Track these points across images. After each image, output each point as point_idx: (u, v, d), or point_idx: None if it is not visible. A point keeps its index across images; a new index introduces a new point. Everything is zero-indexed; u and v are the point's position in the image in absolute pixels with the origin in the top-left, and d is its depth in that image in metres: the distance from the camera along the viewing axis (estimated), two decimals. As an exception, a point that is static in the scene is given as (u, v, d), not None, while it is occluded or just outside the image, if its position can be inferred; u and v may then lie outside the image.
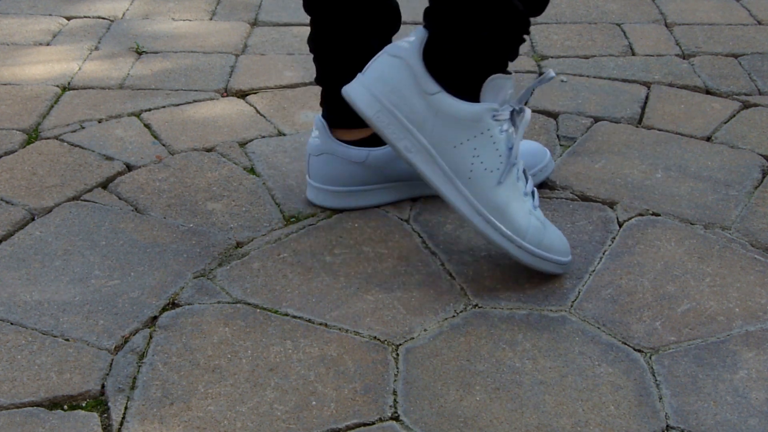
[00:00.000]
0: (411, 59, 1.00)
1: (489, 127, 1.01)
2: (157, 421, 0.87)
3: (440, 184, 1.02)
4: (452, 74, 1.00)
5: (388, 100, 1.01)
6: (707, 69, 1.62)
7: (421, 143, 1.01)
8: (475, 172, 1.01)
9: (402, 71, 1.01)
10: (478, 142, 1.01)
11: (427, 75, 1.00)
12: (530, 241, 1.03)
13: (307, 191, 1.21)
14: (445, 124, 1.00)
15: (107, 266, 1.09)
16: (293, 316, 1.01)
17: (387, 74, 1.01)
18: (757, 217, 1.19)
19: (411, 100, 1.00)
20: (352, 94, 1.02)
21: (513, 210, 1.02)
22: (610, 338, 0.99)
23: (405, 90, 1.00)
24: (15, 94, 1.51)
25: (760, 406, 0.90)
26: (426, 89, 1.00)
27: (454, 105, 1.00)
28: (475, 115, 1.00)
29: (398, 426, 0.87)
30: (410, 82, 1.00)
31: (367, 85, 1.02)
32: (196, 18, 1.87)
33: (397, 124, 1.01)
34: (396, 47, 1.02)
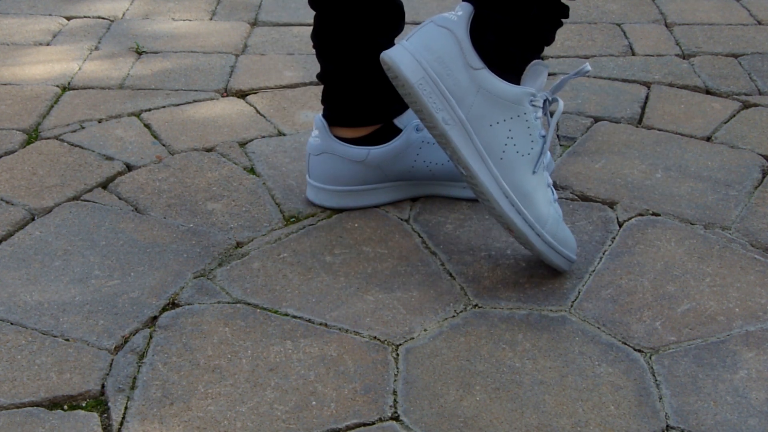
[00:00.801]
0: (459, 32, 1.00)
1: (526, 111, 1.01)
2: (157, 421, 0.87)
3: (473, 161, 1.01)
4: (497, 53, 1.00)
5: (433, 69, 1.00)
6: (707, 69, 1.62)
7: (459, 117, 1.00)
8: (507, 153, 1.01)
9: (449, 42, 1.00)
10: (513, 124, 1.01)
11: (473, 49, 1.00)
12: (549, 231, 1.03)
13: (307, 191, 1.21)
14: (485, 102, 1.00)
15: (107, 266, 1.09)
16: (293, 316, 1.01)
17: (433, 43, 1.00)
18: (757, 217, 1.19)
19: (455, 73, 1.00)
20: (396, 58, 1.00)
21: (539, 197, 1.03)
22: (610, 338, 0.99)
23: (450, 61, 1.00)
24: (15, 94, 1.51)
25: (760, 406, 0.90)
26: (471, 63, 0.99)
27: (496, 83, 1.00)
28: (516, 96, 1.00)
29: (398, 426, 0.87)
30: (456, 54, 1.00)
31: (412, 51, 1.00)
32: (196, 18, 1.87)
33: (438, 95, 1.00)
34: (444, 18, 1.01)
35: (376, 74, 1.08)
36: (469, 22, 1.00)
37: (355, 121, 1.15)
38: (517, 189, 1.02)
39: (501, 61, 1.00)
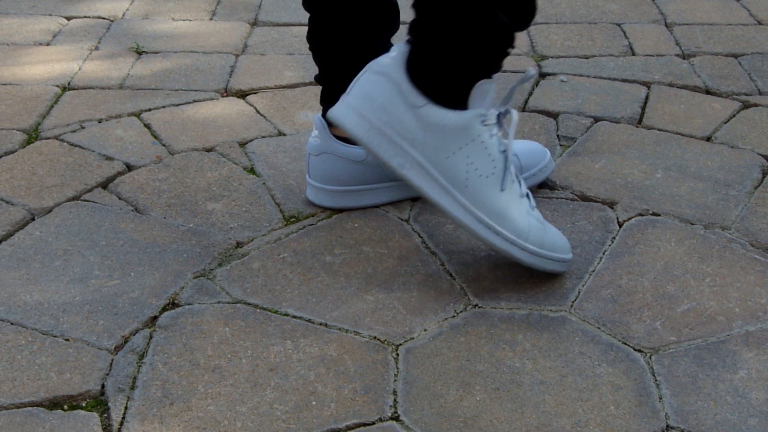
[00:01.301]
0: (395, 74, 1.00)
1: (479, 133, 1.00)
2: (157, 421, 0.87)
3: (438, 196, 1.01)
4: (437, 85, 0.99)
5: (377, 118, 1.00)
6: (707, 69, 1.62)
7: (414, 158, 1.01)
8: (471, 180, 1.01)
9: (388, 87, 1.00)
10: (470, 149, 1.00)
11: (412, 88, 0.99)
12: (533, 242, 1.03)
13: (307, 191, 1.21)
14: (436, 136, 1.00)
15: (107, 266, 1.09)
16: (293, 316, 1.01)
17: (373, 92, 1.00)
18: (757, 217, 1.19)
19: (400, 116, 1.00)
20: (340, 116, 1.01)
21: (513, 213, 1.02)
22: (610, 338, 0.99)
23: (393, 106, 1.00)
24: (15, 94, 1.51)
25: (760, 406, 0.90)
26: (413, 103, 0.99)
27: (443, 115, 0.99)
28: (465, 122, 1.00)
29: (398, 426, 0.87)
30: (397, 97, 1.00)
31: (354, 105, 1.01)
32: (196, 18, 1.87)
33: (388, 142, 1.00)
34: (378, 64, 1.01)
35: None
36: (405, 61, 1.00)
37: None
38: (489, 211, 1.01)
39: (444, 93, 1.00)
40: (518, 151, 1.21)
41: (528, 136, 1.38)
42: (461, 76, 0.99)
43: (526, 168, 1.21)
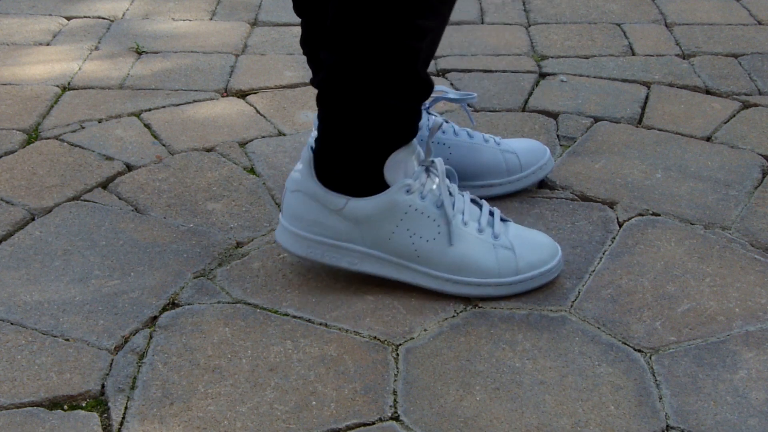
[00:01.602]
0: (307, 187, 1.01)
1: (409, 203, 1.00)
2: (157, 421, 0.87)
3: (398, 275, 1.03)
4: (349, 180, 1.00)
5: (311, 233, 1.02)
6: (707, 69, 1.62)
7: (360, 251, 1.02)
8: (420, 249, 1.02)
9: (306, 202, 1.02)
10: (407, 222, 1.01)
11: (328, 193, 1.01)
12: (507, 274, 1.02)
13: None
14: (371, 226, 1.01)
15: (107, 266, 1.09)
16: (293, 316, 1.01)
17: (297, 211, 1.03)
18: (757, 217, 1.19)
19: (329, 224, 1.02)
20: (280, 241, 1.05)
21: (474, 258, 1.02)
22: (610, 338, 0.99)
23: (319, 217, 1.02)
24: (15, 94, 1.51)
25: (760, 406, 0.90)
26: (335, 207, 1.01)
27: (366, 206, 1.00)
28: (389, 202, 1.00)
29: (398, 426, 0.87)
30: (319, 208, 1.01)
31: (288, 226, 1.04)
32: (196, 18, 1.87)
33: (330, 249, 1.03)
34: (292, 181, 1.03)
35: None
36: (312, 169, 1.01)
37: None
38: (450, 268, 1.02)
39: (358, 186, 1.00)
40: (517, 149, 1.21)
41: (528, 136, 1.38)
42: (367, 163, 1.00)
43: (525, 166, 1.21)
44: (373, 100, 0.96)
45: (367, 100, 0.96)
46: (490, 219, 1.05)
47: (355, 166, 1.00)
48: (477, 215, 1.04)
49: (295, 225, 1.03)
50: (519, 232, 1.05)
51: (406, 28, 0.92)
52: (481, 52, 1.69)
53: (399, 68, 0.94)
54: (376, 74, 0.94)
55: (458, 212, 1.03)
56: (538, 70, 1.62)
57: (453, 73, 1.60)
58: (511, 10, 1.91)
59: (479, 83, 1.56)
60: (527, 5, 1.93)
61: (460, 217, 1.03)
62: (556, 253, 1.05)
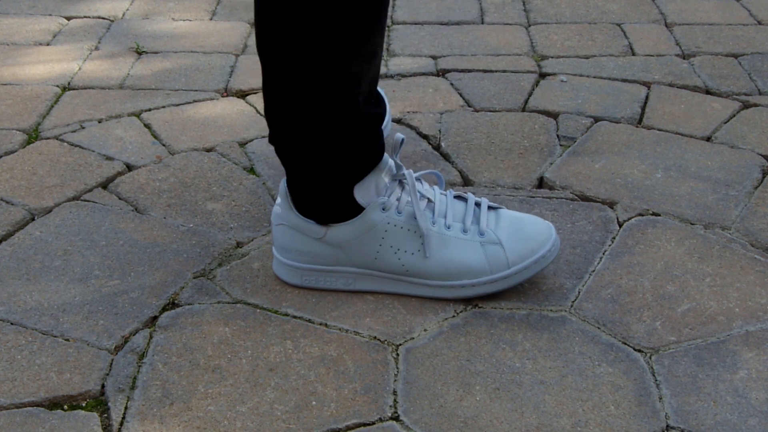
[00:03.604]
0: (288, 219, 1.02)
1: (387, 220, 1.00)
2: (157, 421, 0.87)
3: (394, 288, 1.04)
4: (323, 210, 1.01)
5: (301, 261, 1.04)
6: (707, 69, 1.62)
7: (353, 272, 1.03)
8: (407, 263, 1.02)
9: (291, 234, 1.03)
10: (389, 239, 1.01)
11: (307, 223, 1.01)
12: (498, 269, 1.02)
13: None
14: (354, 249, 1.02)
15: (107, 266, 1.09)
16: (293, 316, 1.01)
17: (284, 242, 1.04)
18: (757, 217, 1.19)
19: (316, 251, 1.03)
20: (278, 273, 1.06)
21: (462, 260, 1.02)
22: (610, 338, 0.99)
23: (305, 246, 1.03)
24: (15, 94, 1.51)
25: (760, 406, 0.90)
26: (316, 235, 1.02)
27: (347, 230, 1.01)
28: (367, 224, 1.00)
29: (398, 426, 0.87)
30: (302, 238, 1.02)
31: (280, 259, 1.05)
32: (196, 18, 1.87)
33: (323, 275, 1.04)
34: (274, 215, 1.04)
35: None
36: (290, 201, 1.02)
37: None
38: (442, 275, 1.02)
39: (334, 214, 1.01)
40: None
41: (528, 136, 1.38)
42: (336, 193, 1.00)
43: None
44: (324, 146, 0.97)
45: (319, 148, 0.97)
46: (476, 211, 1.04)
47: (325, 196, 1.00)
48: (461, 214, 1.04)
49: (286, 256, 1.04)
50: (510, 221, 1.04)
51: (340, 82, 0.92)
52: (481, 52, 1.69)
53: (342, 114, 0.95)
54: (320, 124, 0.95)
55: (440, 216, 1.02)
56: (538, 70, 1.62)
57: (453, 73, 1.60)
58: (511, 10, 1.91)
59: (479, 83, 1.56)
60: (527, 5, 1.93)
61: (443, 222, 1.02)
62: (549, 236, 1.03)
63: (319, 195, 1.00)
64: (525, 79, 1.58)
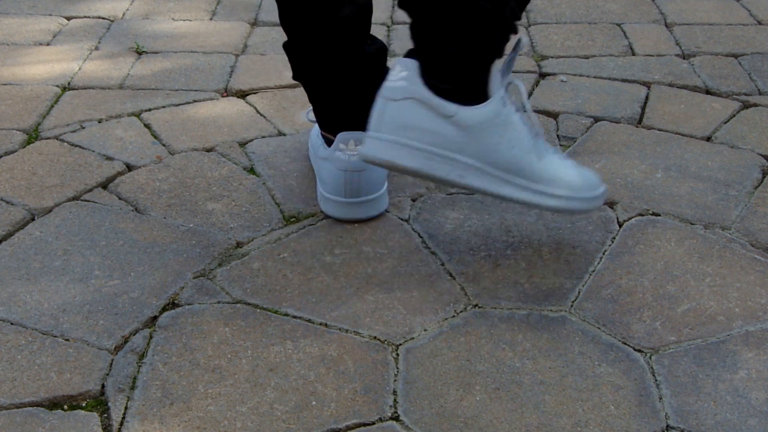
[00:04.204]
0: (419, 94, 0.98)
1: (508, 115, 1.01)
2: (157, 421, 0.87)
3: (502, 190, 1.03)
4: (461, 89, 0.99)
5: (424, 142, 0.99)
6: (707, 69, 1.62)
7: (469, 164, 1.01)
8: (523, 161, 1.02)
9: (419, 109, 0.99)
10: (508, 134, 1.01)
11: (441, 100, 0.98)
12: (588, 189, 1.06)
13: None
14: (479, 135, 1.00)
15: (107, 266, 1.09)
16: (293, 316, 1.01)
17: (406, 120, 0.99)
18: (757, 217, 1.19)
19: (442, 132, 0.99)
20: (385, 155, 0.99)
21: (566, 173, 1.05)
22: (610, 338, 0.99)
23: (432, 126, 0.99)
24: (15, 94, 1.52)
25: (760, 406, 0.90)
26: (447, 114, 0.99)
27: (477, 114, 0.99)
28: (495, 111, 1.00)
29: (398, 426, 0.87)
30: (432, 115, 0.99)
31: (396, 140, 0.99)
32: (196, 18, 1.87)
33: (442, 161, 1.00)
34: (396, 90, 0.99)
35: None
36: (420, 76, 0.99)
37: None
38: (546, 181, 1.03)
39: (468, 94, 0.99)
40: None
41: (528, 136, 1.38)
42: (476, 73, 0.99)
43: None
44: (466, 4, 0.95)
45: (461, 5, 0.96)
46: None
47: (466, 76, 0.99)
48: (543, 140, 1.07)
49: (407, 135, 0.98)
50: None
51: None
52: (481, 52, 1.69)
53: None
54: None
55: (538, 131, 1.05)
56: (538, 70, 1.62)
57: (453, 73, 1.60)
58: (511, 10, 1.91)
59: (479, 83, 1.56)
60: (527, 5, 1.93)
61: (540, 135, 1.05)
62: (598, 182, 1.08)
63: (460, 71, 0.98)
64: (525, 79, 1.58)
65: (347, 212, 1.16)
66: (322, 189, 1.17)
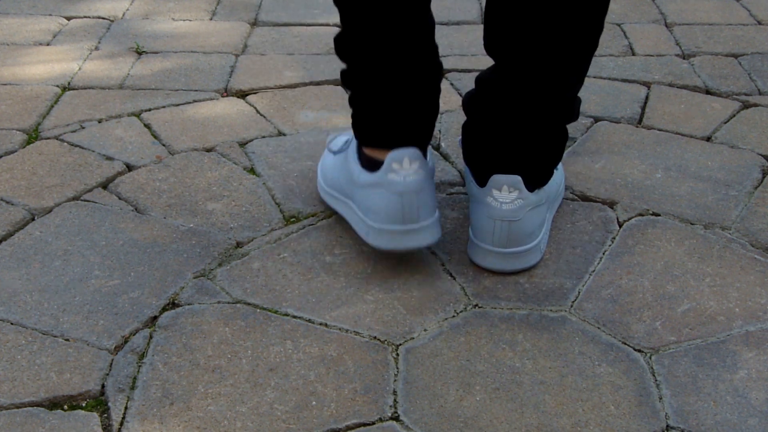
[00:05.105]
0: (533, 203, 1.07)
1: None
2: (157, 421, 0.87)
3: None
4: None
5: (542, 237, 1.11)
6: (707, 69, 1.62)
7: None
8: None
9: (536, 213, 1.08)
10: None
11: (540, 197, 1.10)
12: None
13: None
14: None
15: (107, 266, 1.09)
16: (293, 316, 1.01)
17: (534, 227, 1.08)
18: (757, 217, 1.19)
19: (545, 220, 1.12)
20: (517, 264, 1.08)
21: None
22: (610, 338, 0.99)
23: (543, 219, 1.10)
24: (15, 94, 1.52)
25: (760, 406, 0.90)
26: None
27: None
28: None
29: (398, 426, 0.87)
30: (542, 211, 1.10)
31: (527, 248, 1.08)
32: (196, 18, 1.87)
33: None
34: (517, 210, 1.05)
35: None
36: (525, 188, 1.06)
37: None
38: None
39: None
40: None
41: (528, 136, 1.38)
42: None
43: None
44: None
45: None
46: None
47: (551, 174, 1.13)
48: None
49: (530, 241, 1.08)
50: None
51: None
52: (481, 53, 1.69)
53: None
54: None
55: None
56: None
57: (453, 73, 1.60)
58: (511, 10, 1.91)
59: (479, 83, 1.56)
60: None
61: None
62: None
63: (549, 173, 1.11)
64: (525, 79, 1.57)
65: (405, 241, 1.03)
66: (371, 220, 1.04)
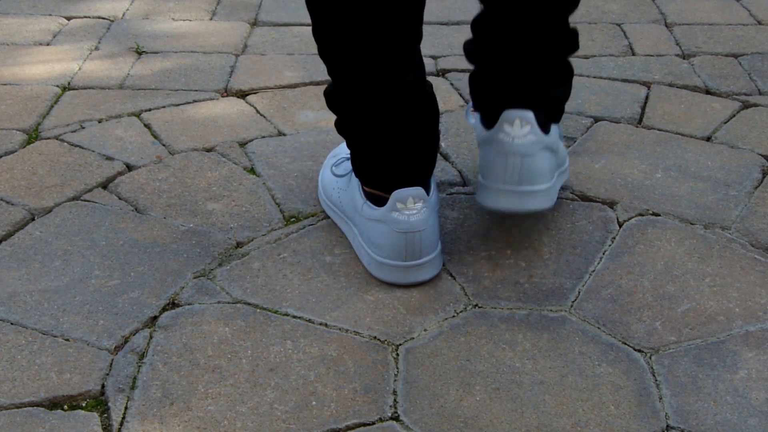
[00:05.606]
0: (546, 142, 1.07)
1: None
2: (157, 421, 0.87)
3: None
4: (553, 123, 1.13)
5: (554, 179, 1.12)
6: (707, 69, 1.62)
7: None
8: None
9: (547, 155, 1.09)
10: None
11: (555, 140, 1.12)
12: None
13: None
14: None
15: (107, 266, 1.09)
16: (293, 316, 1.01)
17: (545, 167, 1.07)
18: (757, 217, 1.19)
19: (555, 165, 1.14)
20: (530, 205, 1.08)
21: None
22: (610, 338, 0.99)
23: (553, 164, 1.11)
24: (15, 94, 1.51)
25: (760, 406, 0.90)
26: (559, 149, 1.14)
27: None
28: None
29: (398, 426, 0.87)
30: (553, 155, 1.11)
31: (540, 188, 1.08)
32: (196, 18, 1.87)
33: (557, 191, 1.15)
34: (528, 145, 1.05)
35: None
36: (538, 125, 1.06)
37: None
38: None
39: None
40: None
41: (528, 136, 1.38)
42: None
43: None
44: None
45: None
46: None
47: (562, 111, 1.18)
48: None
49: (542, 182, 1.06)
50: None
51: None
52: (481, 52, 1.69)
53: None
54: None
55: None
56: (538, 70, 1.62)
57: (453, 73, 1.60)
58: (511, 10, 1.91)
59: (479, 83, 1.56)
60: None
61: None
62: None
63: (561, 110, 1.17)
64: (525, 79, 1.58)
65: (408, 276, 1.05)
66: (374, 253, 1.06)
